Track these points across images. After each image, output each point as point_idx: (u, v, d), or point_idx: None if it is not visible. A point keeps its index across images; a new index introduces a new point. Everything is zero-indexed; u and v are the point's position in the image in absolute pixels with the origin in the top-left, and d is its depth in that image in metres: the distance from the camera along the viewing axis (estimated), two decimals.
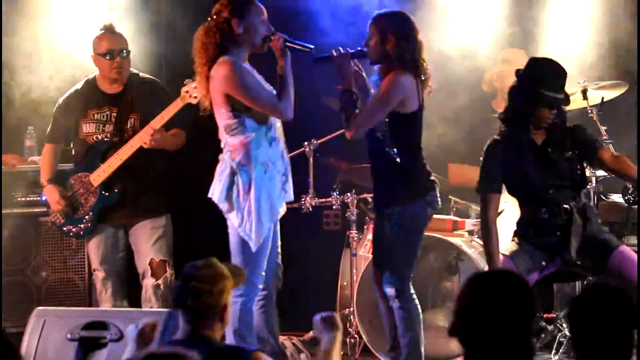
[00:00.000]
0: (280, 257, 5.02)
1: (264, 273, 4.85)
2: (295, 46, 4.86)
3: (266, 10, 4.88)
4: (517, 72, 4.97)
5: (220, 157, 4.90)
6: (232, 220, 4.81)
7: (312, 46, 4.91)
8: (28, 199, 6.32)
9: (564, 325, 5.89)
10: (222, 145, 4.89)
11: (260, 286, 4.87)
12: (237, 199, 4.79)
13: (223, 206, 4.84)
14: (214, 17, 4.83)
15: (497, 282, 2.79)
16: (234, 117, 4.80)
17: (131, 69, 5.80)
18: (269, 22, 4.89)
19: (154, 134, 5.52)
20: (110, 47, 5.68)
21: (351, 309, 6.01)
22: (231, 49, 4.79)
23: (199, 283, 3.51)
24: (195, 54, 4.84)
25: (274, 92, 4.84)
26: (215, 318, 3.53)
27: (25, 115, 6.51)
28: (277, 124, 4.94)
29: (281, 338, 5.75)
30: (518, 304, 2.75)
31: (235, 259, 4.82)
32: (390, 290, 4.89)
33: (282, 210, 5.00)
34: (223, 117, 4.83)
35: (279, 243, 5.01)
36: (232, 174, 4.80)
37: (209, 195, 4.90)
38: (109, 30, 5.73)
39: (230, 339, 4.74)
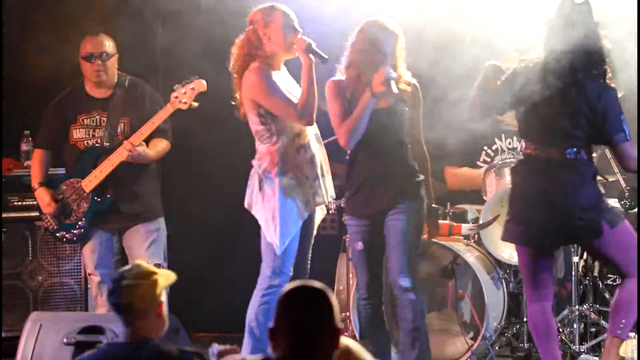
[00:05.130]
0: (308, 264, 5.25)
1: (291, 274, 5.05)
2: (315, 54, 4.95)
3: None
4: None
5: (252, 162, 5.09)
6: (260, 223, 5.02)
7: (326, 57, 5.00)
8: (24, 203, 6.32)
9: (560, 329, 5.90)
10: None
11: (276, 282, 5.04)
12: (262, 204, 4.99)
13: (251, 210, 5.06)
14: (248, 28, 5.03)
15: (295, 297, 2.92)
16: (261, 123, 4.98)
17: (119, 72, 5.80)
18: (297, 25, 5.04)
19: (132, 151, 5.53)
20: (91, 50, 5.70)
21: (347, 313, 6.01)
22: (261, 57, 4.96)
23: (131, 280, 3.52)
24: (231, 65, 5.06)
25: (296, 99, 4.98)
26: (153, 316, 3.54)
27: (21, 119, 6.51)
28: (309, 129, 5.08)
29: None
30: (318, 314, 2.89)
31: (264, 260, 5.08)
32: (407, 282, 4.99)
33: (322, 213, 5.30)
34: (252, 123, 5.02)
35: (311, 242, 5.25)
36: (260, 180, 5.00)
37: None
38: (93, 34, 5.75)
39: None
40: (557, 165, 4.88)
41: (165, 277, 3.61)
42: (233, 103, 5.17)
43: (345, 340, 3.02)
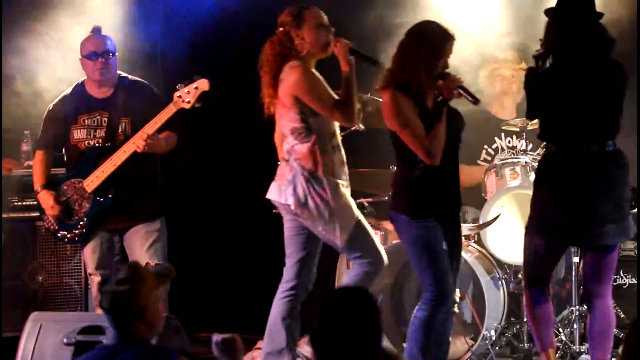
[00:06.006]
0: (316, 266, 5.26)
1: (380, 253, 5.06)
2: (360, 57, 4.98)
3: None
4: None
5: (286, 162, 5.06)
6: (315, 227, 5.01)
7: (379, 61, 4.99)
8: (24, 203, 6.32)
9: (560, 329, 5.90)
10: (285, 149, 5.06)
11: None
12: (316, 207, 4.98)
13: (301, 213, 5.01)
14: (279, 29, 5.04)
15: (344, 299, 2.94)
16: (301, 121, 4.98)
17: (121, 72, 5.79)
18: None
19: (148, 139, 5.51)
20: (94, 49, 5.68)
21: None
22: (295, 57, 4.98)
23: (113, 286, 3.54)
24: (261, 64, 5.06)
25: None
26: (135, 320, 3.54)
27: (21, 119, 6.51)
28: (339, 132, 5.11)
29: None
30: (363, 318, 2.90)
31: (351, 254, 5.08)
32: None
33: None
34: (291, 121, 5.00)
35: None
36: (306, 181, 4.97)
37: (279, 199, 5.06)
38: (94, 33, 5.74)
39: None
40: (601, 159, 4.79)
41: (157, 280, 3.60)
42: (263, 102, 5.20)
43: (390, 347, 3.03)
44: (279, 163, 5.69)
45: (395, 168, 5.02)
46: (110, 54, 5.69)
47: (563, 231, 4.85)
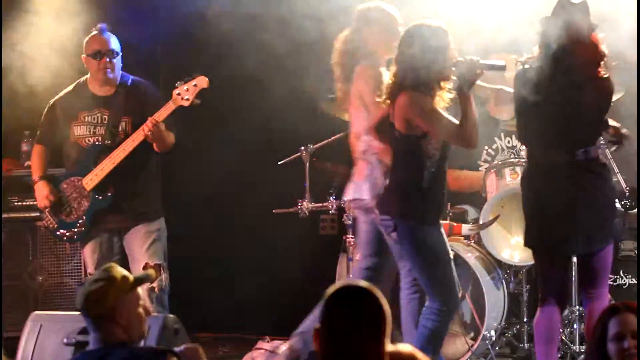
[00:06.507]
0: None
1: None
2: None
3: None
4: None
5: (362, 160, 5.09)
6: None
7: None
8: (24, 203, 6.33)
9: (560, 329, 5.89)
10: (360, 148, 5.10)
11: None
12: None
13: (374, 205, 4.98)
14: (352, 26, 5.14)
15: (348, 297, 2.89)
16: None
17: (123, 71, 5.79)
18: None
19: (154, 127, 5.50)
20: (99, 47, 5.67)
21: None
22: (366, 55, 5.06)
23: (86, 286, 3.54)
24: (334, 60, 5.16)
25: None
26: (108, 321, 3.50)
27: (21, 119, 6.51)
28: None
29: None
30: (368, 316, 2.85)
31: (403, 262, 5.05)
32: None
33: None
34: (365, 120, 5.03)
35: None
36: (384, 175, 4.99)
37: (354, 196, 5.14)
38: (99, 32, 5.73)
39: None
40: (571, 169, 4.77)
41: (132, 283, 3.56)
42: (330, 96, 5.25)
43: (408, 348, 2.98)
44: (279, 163, 5.70)
45: (395, 172, 4.94)
46: (115, 54, 5.69)
47: (540, 244, 4.87)
